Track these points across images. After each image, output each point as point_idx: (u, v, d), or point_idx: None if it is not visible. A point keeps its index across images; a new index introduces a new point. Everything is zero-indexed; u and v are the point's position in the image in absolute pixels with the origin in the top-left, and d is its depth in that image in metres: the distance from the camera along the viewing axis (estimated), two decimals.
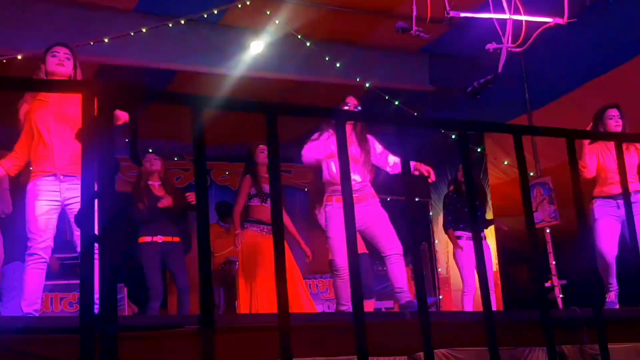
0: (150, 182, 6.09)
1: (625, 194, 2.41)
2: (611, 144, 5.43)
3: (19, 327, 3.36)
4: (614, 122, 5.45)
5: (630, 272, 5.19)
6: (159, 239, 5.90)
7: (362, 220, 4.72)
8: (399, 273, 4.77)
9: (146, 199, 5.98)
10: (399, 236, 4.84)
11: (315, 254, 6.54)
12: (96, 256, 1.57)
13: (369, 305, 6.46)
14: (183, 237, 6.13)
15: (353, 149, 4.89)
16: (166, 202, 5.93)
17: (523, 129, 4.00)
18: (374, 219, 4.85)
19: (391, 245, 4.79)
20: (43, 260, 4.09)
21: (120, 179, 7.73)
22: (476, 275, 5.17)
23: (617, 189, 5.40)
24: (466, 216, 6.55)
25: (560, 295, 6.49)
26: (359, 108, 5.10)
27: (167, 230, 5.94)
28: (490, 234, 7.96)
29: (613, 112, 5.51)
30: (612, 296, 5.23)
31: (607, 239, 5.29)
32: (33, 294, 4.06)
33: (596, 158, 5.45)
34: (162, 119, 7.46)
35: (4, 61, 5.87)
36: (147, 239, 5.89)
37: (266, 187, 5.95)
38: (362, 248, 6.23)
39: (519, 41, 4.31)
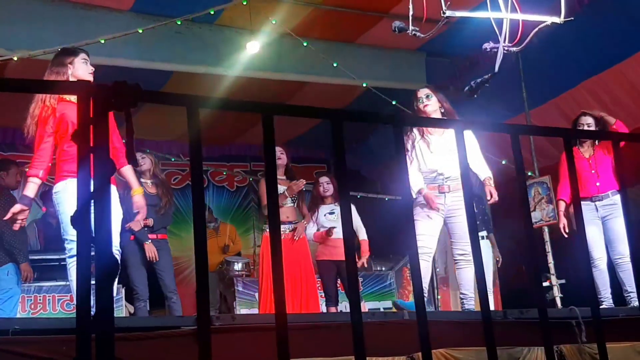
0: (142, 180, 5.88)
1: (623, 195, 2.41)
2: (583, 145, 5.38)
3: (15, 328, 3.35)
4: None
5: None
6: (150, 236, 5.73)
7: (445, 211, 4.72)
8: (465, 279, 4.78)
9: None
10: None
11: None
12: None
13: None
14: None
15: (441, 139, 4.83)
16: (146, 221, 5.61)
17: (520, 128, 4.00)
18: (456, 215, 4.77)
19: (462, 248, 4.73)
20: None
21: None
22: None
23: (593, 190, 5.30)
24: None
25: (559, 295, 6.48)
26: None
27: (155, 227, 5.77)
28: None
29: (584, 120, 5.31)
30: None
31: (595, 247, 5.23)
32: None
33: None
34: (158, 119, 7.44)
35: None
36: (132, 237, 5.68)
37: (281, 189, 5.90)
38: (333, 255, 6.17)
39: (516, 40, 4.30)
